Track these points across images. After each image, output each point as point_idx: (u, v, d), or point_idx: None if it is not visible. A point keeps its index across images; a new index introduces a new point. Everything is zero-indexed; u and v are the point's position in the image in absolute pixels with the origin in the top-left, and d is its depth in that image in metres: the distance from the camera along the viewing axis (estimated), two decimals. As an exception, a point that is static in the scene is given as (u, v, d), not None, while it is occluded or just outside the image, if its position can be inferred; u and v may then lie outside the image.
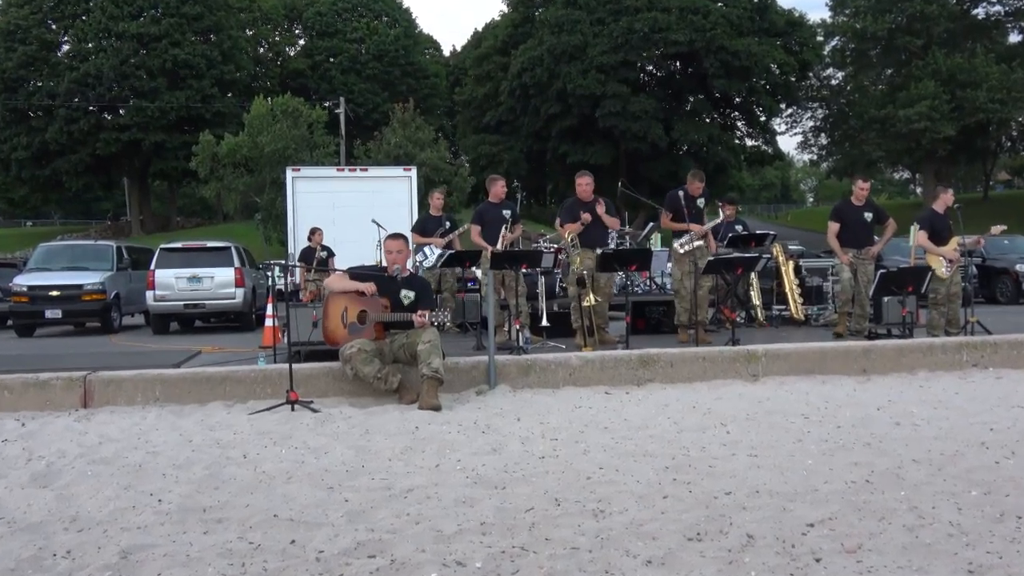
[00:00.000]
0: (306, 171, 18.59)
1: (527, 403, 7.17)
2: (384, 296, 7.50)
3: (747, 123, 55.06)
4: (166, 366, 8.25)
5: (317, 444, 5.73)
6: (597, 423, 6.24)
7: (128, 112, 50.63)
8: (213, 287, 16.65)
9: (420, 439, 5.81)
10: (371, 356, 7.28)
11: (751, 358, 8.27)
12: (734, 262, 9.72)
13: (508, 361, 8.03)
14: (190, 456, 5.46)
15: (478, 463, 5.10)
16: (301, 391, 7.35)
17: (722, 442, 5.53)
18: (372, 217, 13.81)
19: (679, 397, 7.30)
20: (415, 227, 12.06)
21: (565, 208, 10.04)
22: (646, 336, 10.87)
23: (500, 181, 10.45)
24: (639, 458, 5.14)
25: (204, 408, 7.30)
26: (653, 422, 6.24)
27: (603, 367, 8.06)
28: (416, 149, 35.81)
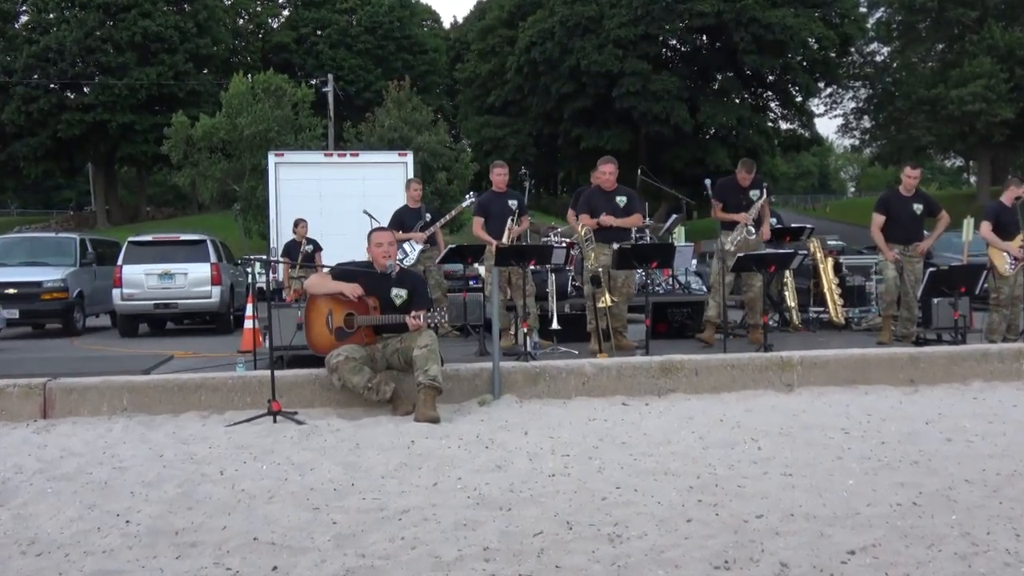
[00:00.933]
0: (290, 156, 18.62)
1: (535, 415, 7.16)
2: (373, 296, 7.51)
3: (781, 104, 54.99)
4: (135, 372, 8.25)
5: (302, 460, 5.74)
6: (613, 438, 6.24)
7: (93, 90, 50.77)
8: (187, 285, 16.67)
9: (416, 455, 5.82)
10: (360, 364, 7.29)
11: (785, 366, 8.25)
12: (766, 259, 9.69)
13: (514, 368, 8.02)
14: (161, 472, 5.47)
15: (481, 481, 5.10)
16: (284, 401, 7.36)
17: (753, 459, 5.52)
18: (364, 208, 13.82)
19: (705, 409, 7.29)
20: (392, 221, 12.05)
21: (582, 198, 10.04)
22: (668, 341, 10.86)
23: (503, 168, 10.44)
24: (660, 477, 5.13)
25: (177, 419, 7.31)
26: (676, 437, 6.23)
27: (620, 375, 8.05)
28: (413, 132, 35.82)
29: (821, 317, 12.09)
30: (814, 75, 51.67)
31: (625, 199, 9.73)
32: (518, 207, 10.22)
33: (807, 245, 12.08)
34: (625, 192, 9.82)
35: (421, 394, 7.04)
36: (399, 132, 35.51)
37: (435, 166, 34.93)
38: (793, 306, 11.87)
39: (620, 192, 9.75)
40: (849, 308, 12.19)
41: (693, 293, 12.24)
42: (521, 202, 10.42)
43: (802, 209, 79.85)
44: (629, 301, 9.94)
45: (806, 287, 12.27)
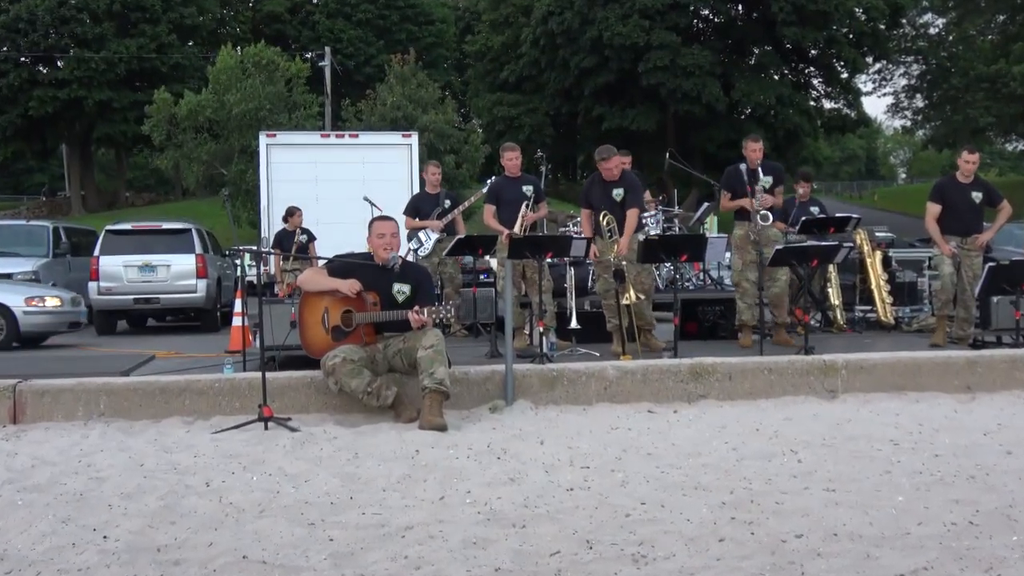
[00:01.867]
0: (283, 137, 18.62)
1: (552, 423, 7.17)
2: (373, 291, 7.51)
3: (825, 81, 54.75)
4: (113, 373, 8.29)
5: (296, 470, 5.76)
6: (638, 448, 6.24)
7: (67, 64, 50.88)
8: (169, 278, 16.74)
9: (421, 466, 5.83)
10: (359, 366, 7.30)
11: (828, 370, 8.23)
12: (808, 252, 9.66)
13: (529, 371, 8.03)
14: (141, 483, 5.49)
15: (492, 496, 5.11)
16: (276, 406, 7.38)
17: (792, 473, 5.51)
18: (364, 194, 13.83)
19: (739, 417, 7.29)
20: (407, 209, 12.07)
21: (583, 187, 10.05)
22: (699, 342, 10.85)
23: (516, 151, 10.43)
24: (689, 491, 5.13)
25: (158, 425, 7.34)
26: (707, 448, 6.23)
27: (646, 380, 8.05)
28: (418, 111, 35.82)
29: (868, 317, 12.05)
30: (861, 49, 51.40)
31: (622, 192, 9.64)
32: (533, 193, 10.21)
33: (853, 237, 12.04)
34: (625, 183, 9.71)
35: (426, 399, 7.05)
36: (403, 111, 35.50)
37: (442, 148, 34.91)
38: (837, 304, 11.84)
39: (620, 183, 9.66)
40: (899, 307, 12.14)
41: (726, 289, 12.21)
42: (537, 188, 10.41)
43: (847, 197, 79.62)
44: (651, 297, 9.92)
45: (851, 283, 12.23)
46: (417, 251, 11.75)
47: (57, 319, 13.97)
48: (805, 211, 12.09)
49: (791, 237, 11.40)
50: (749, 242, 9.93)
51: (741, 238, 10.02)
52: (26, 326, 13.51)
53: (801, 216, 11.87)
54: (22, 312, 13.49)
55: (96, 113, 52.10)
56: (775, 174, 10.12)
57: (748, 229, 9.92)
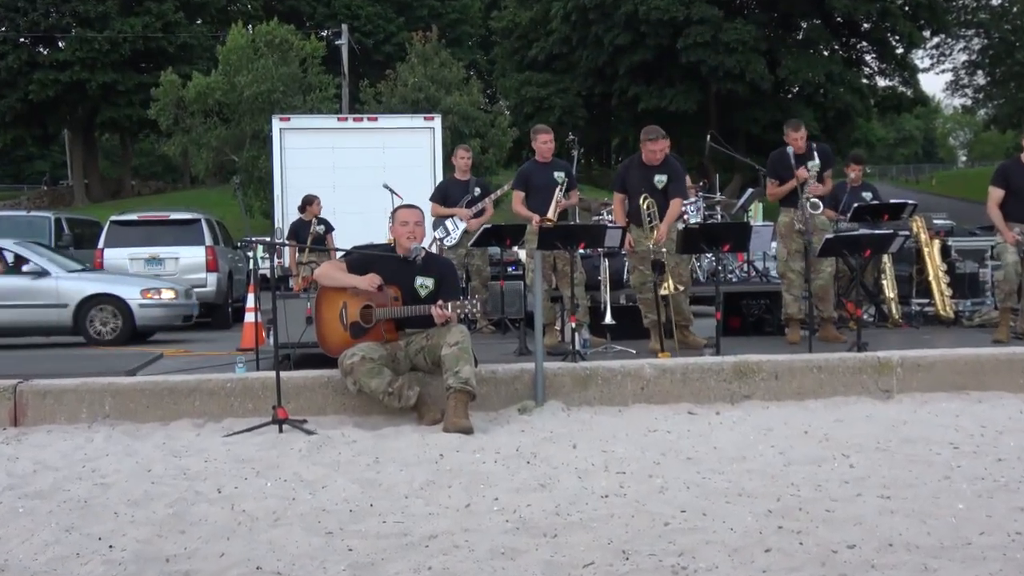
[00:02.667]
0: (298, 121, 18.72)
1: (586, 425, 7.16)
2: (394, 285, 7.52)
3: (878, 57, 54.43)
4: (118, 373, 8.34)
5: (312, 476, 5.78)
6: (678, 452, 6.23)
7: (69, 45, 51.22)
8: (178, 271, 16.84)
9: (445, 471, 5.84)
10: (379, 365, 7.31)
11: (883, 368, 8.19)
12: (860, 241, 9.61)
13: (561, 370, 8.03)
14: (149, 490, 5.53)
15: (521, 503, 5.11)
16: (292, 407, 7.41)
17: (844, 478, 5.49)
18: (384, 181, 13.87)
19: (787, 419, 7.26)
20: (435, 195, 12.11)
21: (618, 171, 10.03)
22: (743, 338, 10.82)
23: (548, 134, 10.42)
24: (733, 498, 5.12)
25: (167, 428, 7.38)
26: (752, 451, 6.21)
27: (686, 379, 8.03)
28: (441, 92, 35.88)
29: (926, 311, 11.97)
30: (918, 22, 51.06)
31: (665, 179, 9.61)
32: (565, 180, 10.19)
33: (909, 224, 11.96)
34: (668, 169, 9.68)
35: (451, 400, 7.06)
36: (425, 92, 35.57)
37: (467, 132, 34.94)
38: (892, 297, 11.77)
39: (663, 168, 9.63)
40: (959, 300, 12.07)
41: (772, 281, 12.17)
42: (569, 174, 10.40)
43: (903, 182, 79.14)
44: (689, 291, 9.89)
45: (908, 275, 12.16)
46: (443, 240, 11.76)
47: (172, 312, 14.14)
48: (857, 197, 12.02)
49: (842, 225, 11.34)
50: (795, 230, 9.89)
51: (787, 226, 9.99)
52: (141, 320, 13.66)
53: (853, 202, 11.80)
54: (138, 305, 13.61)
55: (100, 97, 52.44)
56: (824, 158, 10.06)
57: (794, 216, 9.88)
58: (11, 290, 13.50)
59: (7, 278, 13.71)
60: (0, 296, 13.42)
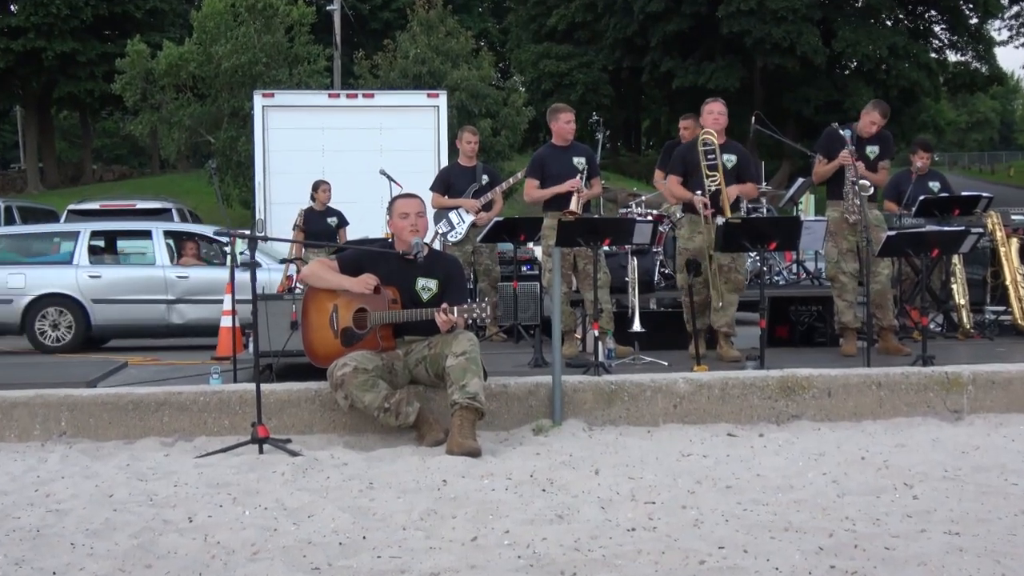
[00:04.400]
0: (283, 97, 18.75)
1: (610, 448, 7.16)
2: (392, 286, 7.53)
3: (949, 28, 54.33)
4: (76, 384, 8.35)
5: (297, 503, 5.78)
6: (715, 480, 6.22)
7: (22, 9, 51.31)
8: (145, 268, 16.86)
9: (449, 499, 5.84)
10: (374, 377, 7.30)
11: (952, 385, 8.17)
12: (927, 239, 9.58)
13: (582, 384, 8.03)
14: (111, 518, 5.53)
15: (535, 536, 5.11)
16: (274, 424, 7.42)
17: (906, 512, 5.47)
18: (381, 167, 13.87)
19: (841, 443, 7.25)
20: (436, 183, 12.09)
21: (676, 154, 10.01)
22: (791, 350, 10.80)
23: (570, 113, 10.41)
24: (779, 533, 5.11)
25: (132, 447, 7.39)
26: (801, 480, 6.20)
27: (725, 396, 8.02)
28: (447, 65, 35.90)
29: (1001, 320, 11.92)
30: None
31: (735, 159, 9.66)
32: (586, 167, 10.18)
33: (983, 221, 11.93)
34: (735, 149, 9.74)
35: (456, 417, 7.05)
36: (428, 65, 35.60)
37: (477, 111, 34.97)
38: (963, 304, 11.74)
39: (729, 148, 9.68)
40: (1041, 307, 12.02)
41: (825, 285, 12.13)
42: (591, 161, 10.38)
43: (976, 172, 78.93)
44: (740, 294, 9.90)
45: (981, 278, 12.12)
46: (447, 236, 11.75)
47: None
48: (923, 188, 12.00)
49: (906, 220, 11.31)
50: (846, 227, 9.85)
51: (836, 222, 9.94)
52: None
53: (918, 195, 11.78)
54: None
55: (57, 68, 52.42)
56: (882, 143, 10.03)
57: (844, 209, 9.85)
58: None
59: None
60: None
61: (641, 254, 10.51)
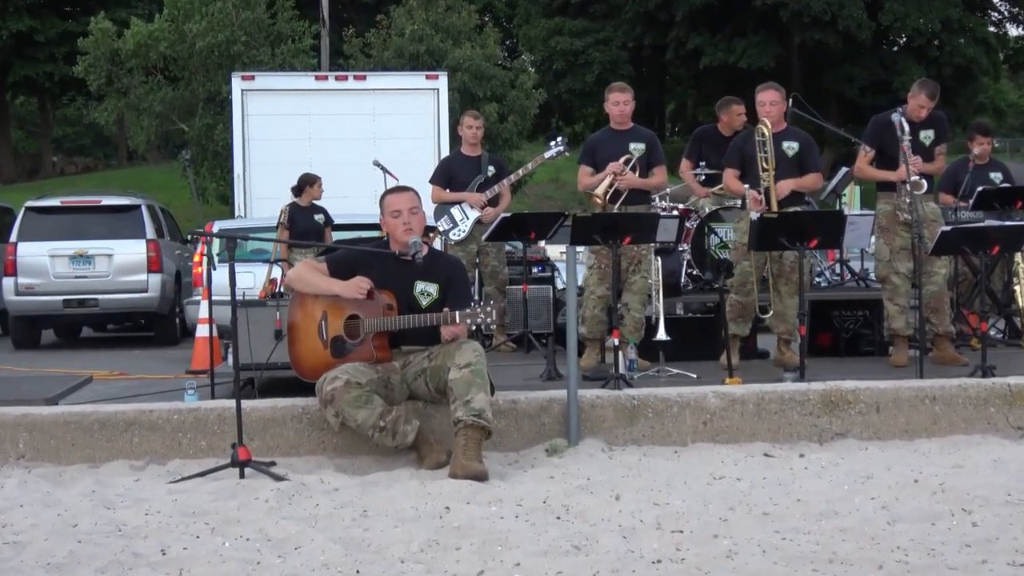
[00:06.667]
0: (265, 80, 18.80)
1: (632, 470, 7.16)
2: (387, 290, 7.52)
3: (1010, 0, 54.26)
4: (35, 402, 8.37)
5: (282, 534, 5.78)
6: (750, 506, 6.22)
7: (-26, -17, 51.45)
8: (112, 272, 16.84)
9: (452, 528, 5.84)
10: (368, 392, 7.28)
11: (1015, 399, 8.16)
12: (986, 235, 9.58)
13: (601, 400, 8.03)
14: (75, 550, 5.53)
15: (549, 569, 5.11)
16: (256, 446, 7.42)
17: (964, 541, 5.47)
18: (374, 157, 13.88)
19: (891, 464, 7.24)
20: (436, 175, 12.07)
21: (733, 146, 10.05)
22: (835, 359, 10.79)
23: (622, 92, 10.28)
24: (822, 566, 5.11)
25: (97, 472, 7.39)
26: (846, 505, 6.20)
27: (761, 412, 8.01)
28: (447, 43, 35.90)
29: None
30: (1061, -48, 50.92)
31: (797, 146, 9.65)
32: (646, 154, 10.13)
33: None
34: (797, 135, 9.72)
35: (460, 437, 7.05)
36: (427, 44, 35.59)
37: (481, 94, 34.92)
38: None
39: (790, 135, 9.68)
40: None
41: (872, 286, 12.11)
42: (653, 147, 10.28)
43: (1042, 159, 78.73)
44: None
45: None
46: (448, 234, 11.73)
47: None
48: (983, 178, 11.98)
49: (963, 214, 11.29)
50: (898, 222, 9.83)
51: (888, 216, 9.92)
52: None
53: (977, 185, 11.76)
54: None
55: (11, 49, 52.42)
56: (937, 127, 10.01)
57: (897, 204, 9.84)
58: None
59: None
60: None
61: (666, 253, 10.50)
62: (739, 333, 9.87)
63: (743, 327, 9.92)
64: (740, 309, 9.82)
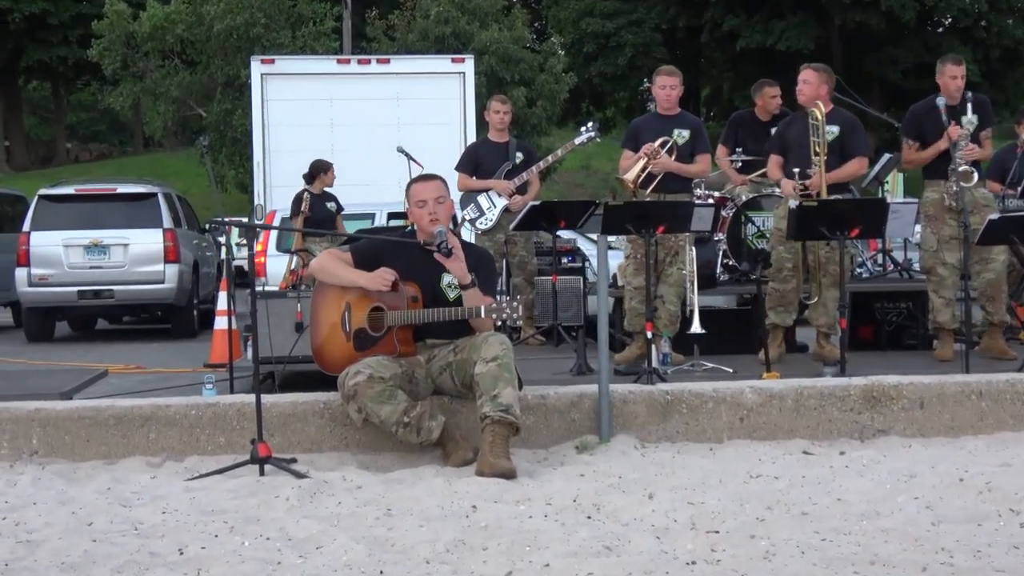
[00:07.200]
0: (285, 63, 18.82)
1: (665, 468, 7.14)
2: (413, 282, 7.52)
3: (1060, -24, 53.88)
4: (50, 396, 8.39)
5: (304, 533, 5.79)
6: (789, 505, 6.20)
7: (-14, -35, 51.60)
8: (128, 262, 16.89)
9: (480, 527, 5.84)
10: (392, 387, 7.26)
11: (1065, 395, 8.12)
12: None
13: (633, 395, 8.02)
14: (90, 549, 5.55)
15: (580, 570, 5.10)
16: (276, 442, 7.43)
17: (1012, 542, 5.44)
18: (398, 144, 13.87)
19: (935, 462, 7.20)
20: (462, 162, 12.06)
21: (777, 132, 10.03)
22: (877, 354, 10.76)
23: (670, 76, 10.26)
24: (863, 568, 5.09)
25: (113, 468, 7.41)
26: (888, 505, 6.17)
27: (800, 407, 7.99)
28: (474, 25, 35.88)
29: None
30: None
31: (837, 130, 9.63)
32: (691, 140, 10.10)
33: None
34: (838, 118, 9.70)
35: (487, 433, 7.03)
36: (452, 26, 35.58)
37: (508, 78, 34.91)
38: (1079, 300, 11.67)
39: (831, 118, 9.66)
40: None
41: (916, 277, 12.07)
42: (698, 134, 10.25)
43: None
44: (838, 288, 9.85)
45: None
46: (475, 223, 11.72)
47: None
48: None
49: (1011, 203, 11.23)
50: (947, 210, 9.78)
51: (935, 204, 9.87)
52: None
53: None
54: None
55: (24, 32, 52.58)
56: (982, 111, 9.97)
57: (944, 191, 9.79)
58: None
59: None
60: None
61: (701, 243, 10.48)
62: (780, 323, 9.86)
63: (784, 316, 9.89)
64: (778, 297, 9.80)
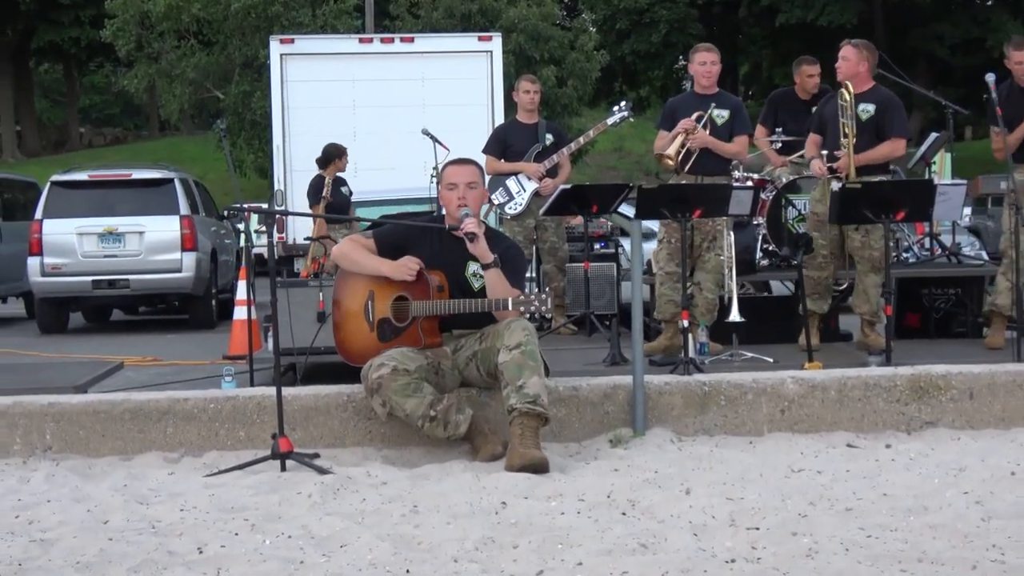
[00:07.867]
0: (304, 43, 18.81)
1: (703, 462, 7.14)
2: (439, 270, 7.52)
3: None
4: (63, 390, 8.42)
5: (327, 531, 5.80)
6: (832, 500, 6.19)
7: (-5, -57, 51.78)
8: (143, 251, 16.94)
9: (509, 524, 5.84)
10: (417, 380, 7.26)
11: (1122, 384, 8.08)
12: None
13: (669, 386, 8.01)
14: (106, 548, 5.57)
15: (614, 569, 5.10)
16: (298, 436, 7.44)
17: (1067, 539, 5.42)
18: (423, 126, 13.87)
19: (985, 455, 7.17)
20: (490, 144, 12.05)
21: (816, 111, 10.00)
22: (924, 342, 10.72)
23: (709, 53, 10.20)
24: (911, 565, 5.07)
25: (129, 464, 7.44)
26: (937, 500, 6.15)
27: (843, 399, 7.97)
28: (501, 1, 35.85)
29: None
30: None
31: (872, 109, 9.61)
32: (729, 120, 10.08)
33: None
34: (875, 96, 9.68)
35: (515, 426, 7.01)
36: (479, 2, 35.57)
37: (538, 58, 34.89)
38: None
39: (868, 96, 9.64)
40: None
41: (966, 263, 12.02)
42: (737, 113, 10.24)
43: None
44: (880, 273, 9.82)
45: None
46: (504, 207, 11.70)
47: None
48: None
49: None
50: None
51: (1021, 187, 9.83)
52: None
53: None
54: None
55: (35, 13, 52.72)
56: None
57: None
58: None
59: None
60: None
61: (740, 227, 10.45)
62: (817, 311, 9.85)
63: (820, 304, 9.89)
64: (814, 284, 9.79)
